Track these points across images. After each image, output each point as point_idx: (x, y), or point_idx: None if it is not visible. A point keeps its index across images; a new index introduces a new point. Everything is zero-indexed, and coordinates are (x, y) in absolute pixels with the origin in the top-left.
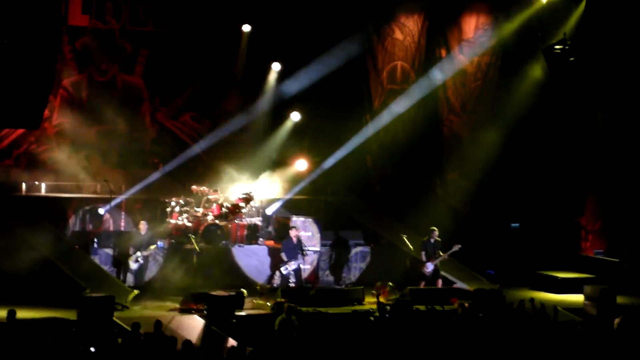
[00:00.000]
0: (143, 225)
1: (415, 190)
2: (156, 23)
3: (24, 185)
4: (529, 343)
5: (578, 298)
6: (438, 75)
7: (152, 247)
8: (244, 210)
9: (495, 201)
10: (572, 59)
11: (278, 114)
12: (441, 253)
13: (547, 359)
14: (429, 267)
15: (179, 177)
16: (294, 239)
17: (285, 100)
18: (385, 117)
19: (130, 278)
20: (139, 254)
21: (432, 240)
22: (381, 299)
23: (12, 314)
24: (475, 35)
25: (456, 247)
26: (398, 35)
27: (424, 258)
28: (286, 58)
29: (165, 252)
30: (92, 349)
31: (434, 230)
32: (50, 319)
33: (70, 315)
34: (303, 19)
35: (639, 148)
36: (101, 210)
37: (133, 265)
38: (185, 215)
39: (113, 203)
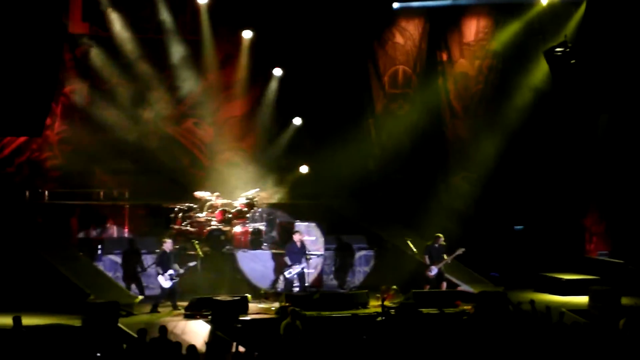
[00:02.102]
0: (168, 243)
1: (419, 194)
2: (156, 30)
3: (27, 193)
4: (533, 345)
5: (583, 300)
6: None
7: (191, 264)
8: (247, 216)
9: (498, 204)
10: (573, 61)
11: (280, 119)
12: (445, 256)
13: None
14: (433, 270)
15: (182, 183)
16: (298, 244)
17: (288, 105)
18: (387, 121)
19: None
20: (172, 271)
21: (436, 245)
22: (386, 303)
23: (17, 320)
24: (476, 39)
25: (460, 251)
26: (399, 39)
27: (427, 261)
28: (288, 64)
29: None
30: (98, 355)
31: (439, 236)
32: (56, 326)
33: (75, 321)
34: (304, 25)
35: None
36: None
37: (166, 284)
38: (188, 220)
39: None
